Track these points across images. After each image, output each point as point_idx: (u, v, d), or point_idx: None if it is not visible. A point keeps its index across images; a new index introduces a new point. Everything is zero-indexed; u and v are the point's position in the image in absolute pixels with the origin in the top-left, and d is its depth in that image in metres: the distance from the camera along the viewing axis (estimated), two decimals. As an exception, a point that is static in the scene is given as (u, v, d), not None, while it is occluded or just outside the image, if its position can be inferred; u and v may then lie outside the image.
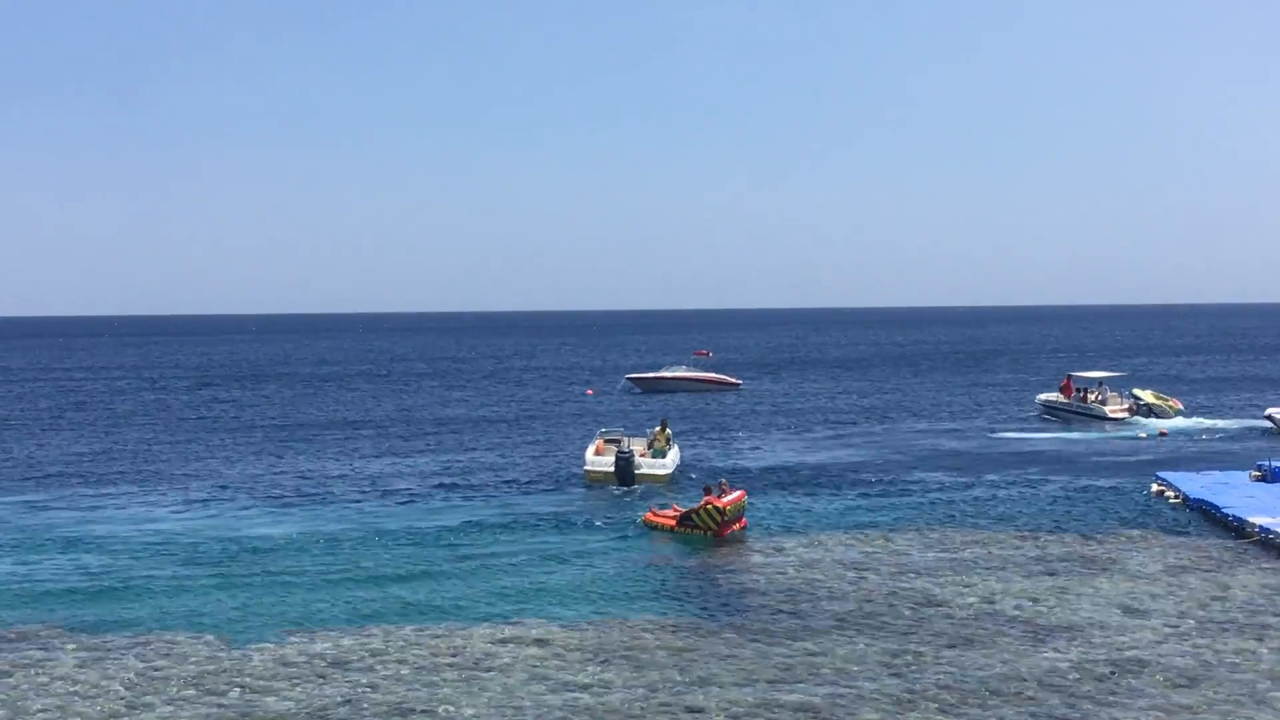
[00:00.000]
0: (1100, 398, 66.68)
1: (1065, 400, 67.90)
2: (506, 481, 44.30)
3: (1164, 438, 56.07)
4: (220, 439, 61.13)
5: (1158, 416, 63.84)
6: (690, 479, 43.98)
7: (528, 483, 43.98)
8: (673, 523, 33.48)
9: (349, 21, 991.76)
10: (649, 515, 34.63)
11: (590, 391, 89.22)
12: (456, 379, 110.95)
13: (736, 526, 33.38)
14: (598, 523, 35.47)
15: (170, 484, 45.06)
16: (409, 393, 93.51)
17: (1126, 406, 65.52)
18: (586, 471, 44.14)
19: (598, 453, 45.06)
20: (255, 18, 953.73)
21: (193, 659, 22.24)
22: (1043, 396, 71.34)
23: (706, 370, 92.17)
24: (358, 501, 40.12)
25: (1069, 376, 71.77)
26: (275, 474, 47.42)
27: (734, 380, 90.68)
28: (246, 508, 39.26)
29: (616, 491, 41.36)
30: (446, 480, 44.83)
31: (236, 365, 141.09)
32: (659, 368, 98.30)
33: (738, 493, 34.10)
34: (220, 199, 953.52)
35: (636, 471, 42.37)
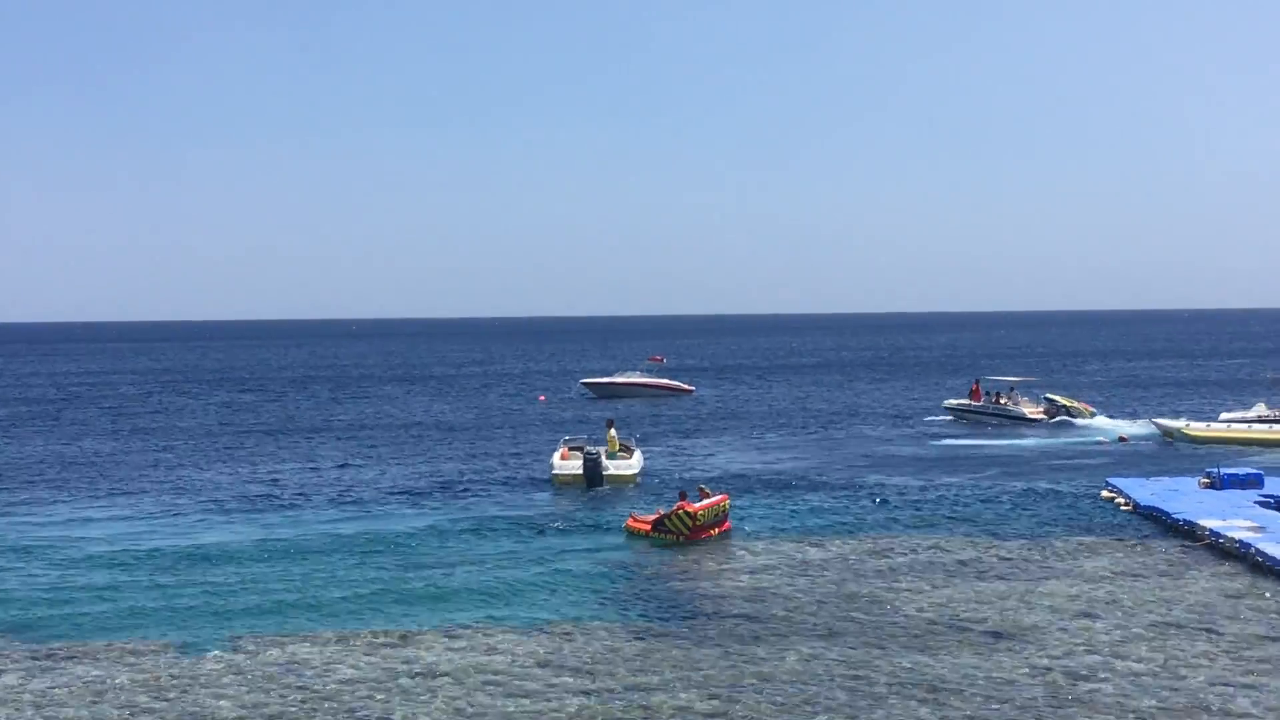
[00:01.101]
0: (1012, 401, 68.23)
1: (975, 404, 69.28)
2: (467, 487, 44.24)
3: (1124, 443, 56.48)
4: (177, 444, 60.79)
5: (1072, 418, 65.51)
6: (658, 482, 44.40)
7: (490, 488, 43.96)
8: (649, 527, 33.66)
9: (339, 21, 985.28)
10: (630, 521, 34.77)
11: (542, 399, 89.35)
12: (415, 386, 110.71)
13: (715, 531, 33.52)
14: (559, 527, 35.61)
15: (124, 490, 44.78)
16: (368, 399, 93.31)
17: (1043, 409, 67.04)
18: (554, 476, 44.48)
19: (563, 459, 45.36)
20: (253, 17, 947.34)
21: (143, 666, 22.12)
22: (950, 402, 72.58)
23: (660, 376, 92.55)
24: (314, 508, 39.99)
25: (977, 381, 73.93)
26: (232, 480, 47.19)
27: (687, 387, 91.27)
28: (201, 514, 39.06)
29: (584, 494, 41.69)
30: (406, 486, 44.71)
31: (201, 371, 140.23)
32: (612, 373, 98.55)
33: (717, 497, 34.36)
34: (211, 201, 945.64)
35: (604, 474, 42.91)
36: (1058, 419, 65.74)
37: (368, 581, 28.74)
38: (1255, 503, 35.21)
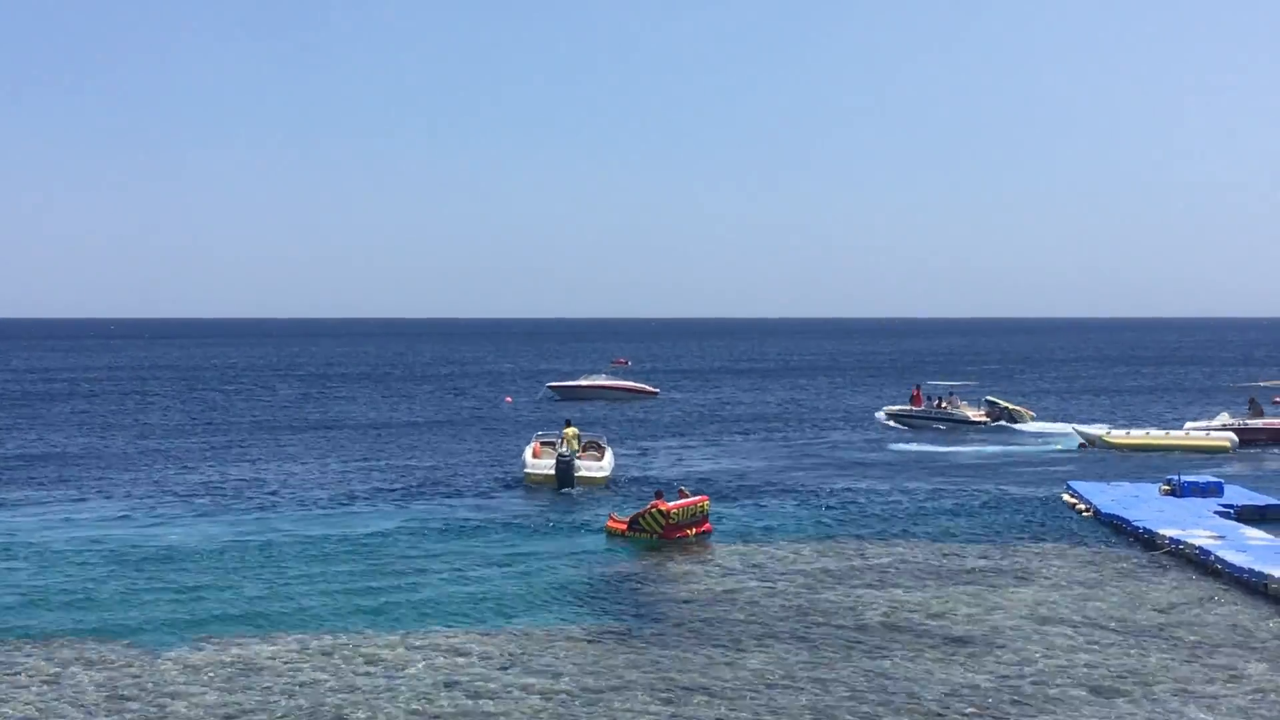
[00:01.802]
0: (952, 405, 69.23)
1: (917, 409, 70.11)
2: (435, 488, 44.18)
3: (1085, 450, 56.74)
4: (143, 442, 60.50)
5: (1014, 422, 66.88)
6: (629, 480, 44.85)
7: (458, 489, 43.93)
8: (625, 526, 33.87)
9: (338, 21, 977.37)
10: (609, 522, 34.92)
11: (509, 400, 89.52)
12: (383, 385, 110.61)
13: (692, 531, 33.69)
14: (528, 528, 35.67)
15: (89, 488, 44.53)
16: (337, 399, 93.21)
17: (985, 412, 68.28)
18: (527, 474, 44.68)
19: (535, 455, 45.56)
20: (252, 16, 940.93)
21: (103, 665, 22.02)
22: (890, 408, 73.06)
23: (625, 378, 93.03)
24: (279, 508, 39.85)
25: (918, 386, 75.64)
26: (197, 479, 47.00)
27: (651, 389, 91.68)
28: (165, 512, 38.87)
29: (555, 495, 41.90)
30: (373, 486, 44.63)
31: (171, 369, 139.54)
32: (578, 376, 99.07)
33: (695, 498, 34.64)
34: (209, 201, 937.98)
35: (576, 475, 43.05)
36: (999, 422, 67.00)
37: (331, 582, 28.66)
38: (1215, 511, 35.49)
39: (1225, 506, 36.29)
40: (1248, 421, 58.79)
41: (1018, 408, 69.70)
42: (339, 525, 36.23)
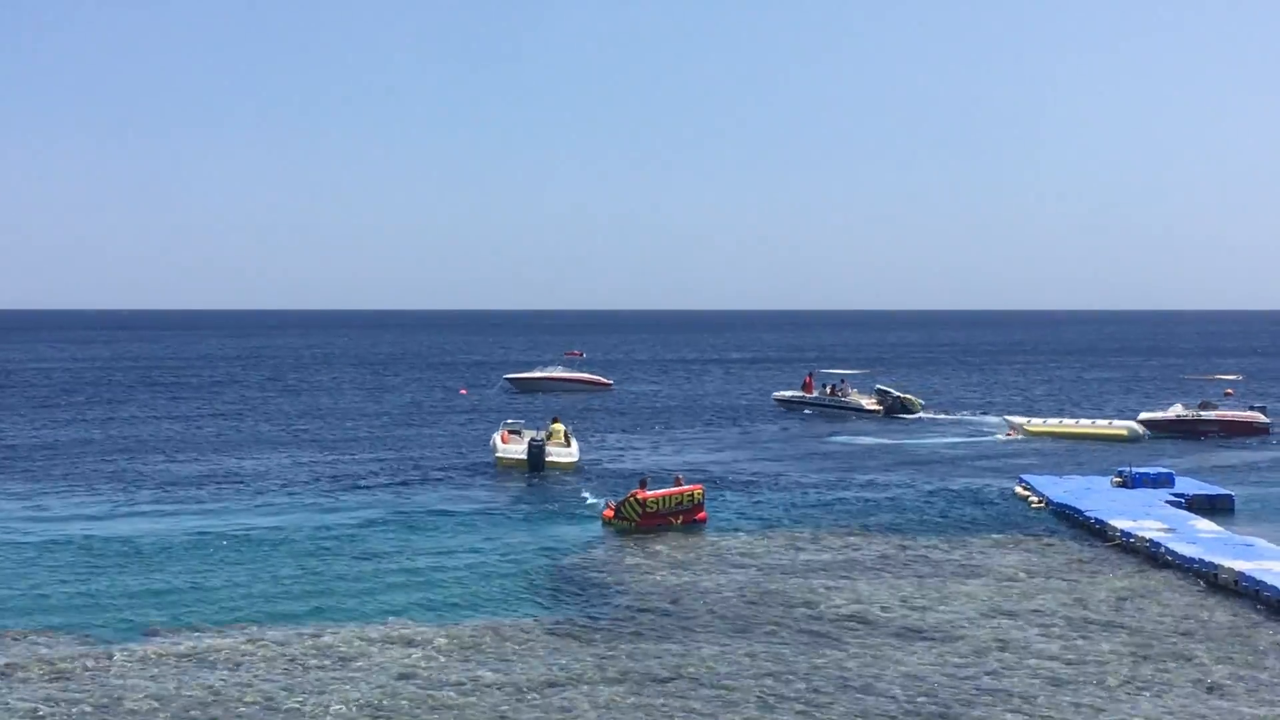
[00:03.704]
0: (843, 393, 70.65)
1: (809, 396, 71.78)
2: (391, 478, 44.20)
3: (1011, 438, 57.42)
4: (100, 435, 60.03)
5: (906, 410, 68.40)
6: (604, 468, 45.84)
7: (415, 480, 43.92)
8: (612, 514, 34.47)
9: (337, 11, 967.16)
10: (606, 512, 35.19)
11: (464, 391, 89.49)
12: (338, 376, 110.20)
13: (677, 520, 34.02)
14: (489, 517, 35.96)
15: (46, 478, 44.22)
16: (295, 390, 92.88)
17: (876, 401, 69.44)
18: (498, 459, 45.86)
19: (504, 441, 46.81)
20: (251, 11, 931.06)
21: (53, 658, 21.81)
22: (781, 394, 74.99)
23: (580, 370, 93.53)
24: (236, 499, 39.67)
25: (810, 373, 77.17)
26: (155, 470, 46.75)
27: (606, 381, 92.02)
28: (121, 504, 38.64)
29: (523, 481, 42.97)
30: (329, 477, 44.49)
31: (134, 362, 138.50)
32: (534, 367, 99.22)
33: (684, 486, 34.99)
34: (213, 196, 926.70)
35: (546, 459, 44.50)
36: (891, 410, 68.40)
37: (287, 575, 28.52)
38: (1166, 502, 35.81)
39: (1176, 497, 36.63)
40: (1201, 414, 59.45)
41: (908, 396, 71.19)
42: (295, 517, 36.03)
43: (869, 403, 69.05)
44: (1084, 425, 59.23)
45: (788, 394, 74.32)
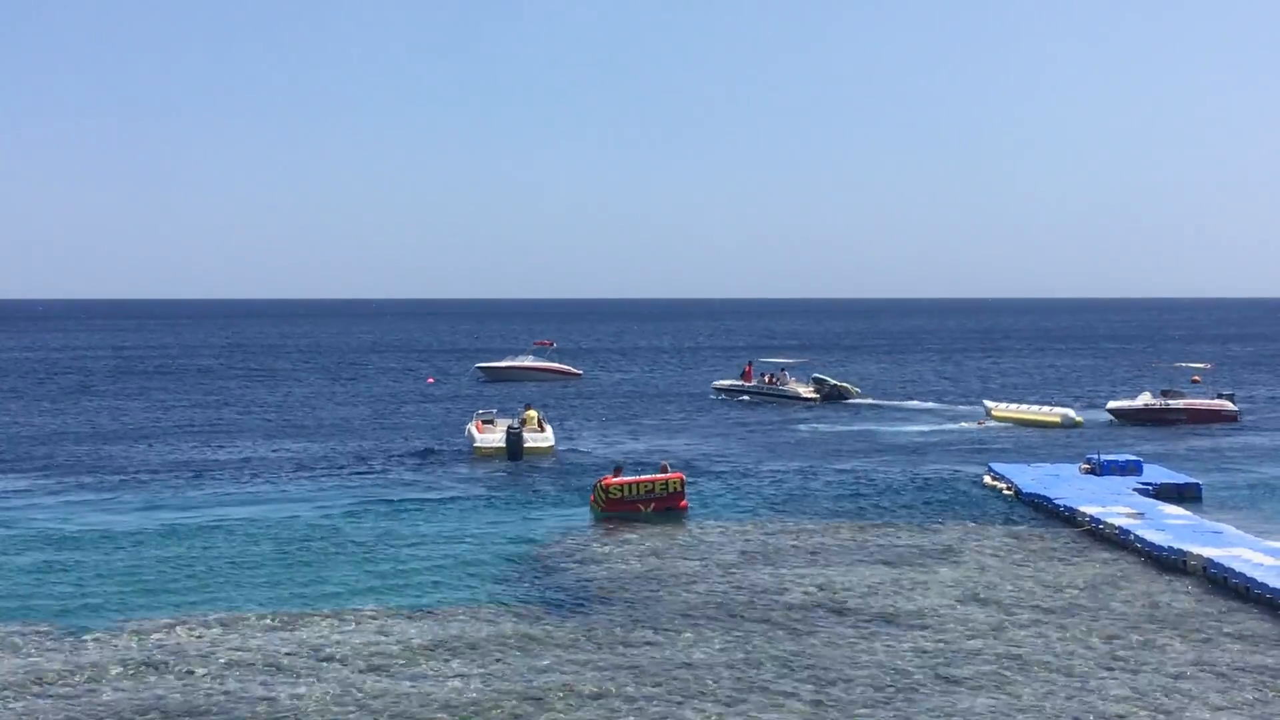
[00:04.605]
0: (781, 381, 72.16)
1: (748, 384, 73.44)
2: (361, 467, 44.29)
3: (981, 427, 57.83)
4: (76, 424, 59.81)
5: (842, 397, 70.40)
6: (582, 455, 46.44)
7: (389, 468, 44.08)
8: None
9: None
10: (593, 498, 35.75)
11: (431, 380, 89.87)
12: (304, 365, 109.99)
13: (647, 507, 34.32)
14: (460, 506, 36.01)
15: (12, 470, 43.92)
16: (263, 380, 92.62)
17: (813, 389, 71.07)
18: (476, 449, 46.41)
19: (479, 431, 47.51)
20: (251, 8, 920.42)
21: (23, 649, 21.75)
22: (720, 383, 76.92)
23: (550, 359, 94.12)
24: (207, 489, 39.63)
25: (750, 362, 79.08)
26: (125, 461, 46.59)
27: (575, 371, 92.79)
28: (90, 494, 38.55)
29: (502, 468, 43.27)
30: (296, 466, 44.43)
31: (101, 352, 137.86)
32: (505, 357, 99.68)
33: (658, 475, 35.38)
34: (213, 190, 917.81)
35: (524, 446, 45.18)
36: (828, 397, 70.15)
37: (260, 564, 28.50)
38: (1134, 489, 36.01)
39: (1144, 485, 36.82)
40: (1168, 402, 59.76)
41: (844, 384, 73.10)
42: (267, 508, 35.97)
43: (805, 391, 70.58)
44: (1024, 411, 60.79)
45: (727, 382, 76.22)
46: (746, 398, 71.97)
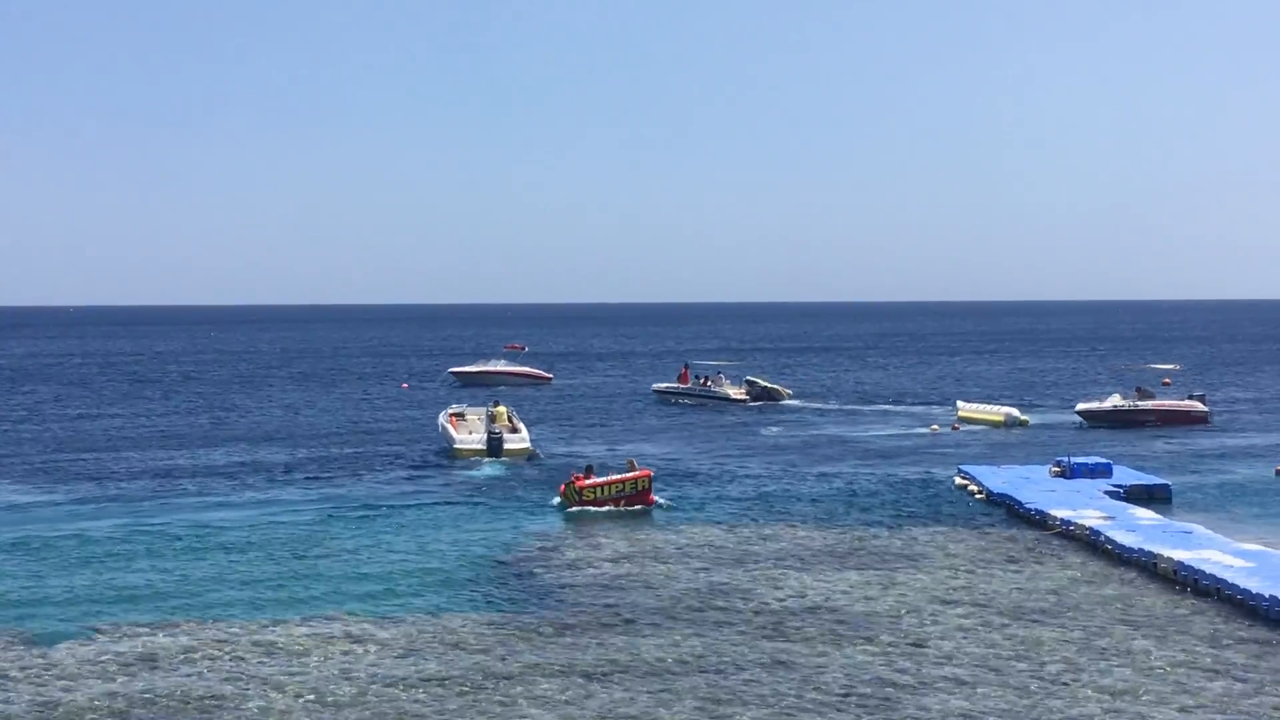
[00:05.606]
0: (715, 384, 74.30)
1: (684, 386, 75.81)
2: (338, 473, 44.25)
3: (936, 433, 57.82)
4: (51, 430, 59.61)
5: (773, 399, 72.44)
6: (557, 457, 46.47)
7: (367, 473, 44.05)
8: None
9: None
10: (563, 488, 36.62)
11: (405, 385, 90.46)
12: (277, 371, 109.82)
13: (616, 504, 35.47)
14: (435, 510, 36.08)
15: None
16: (235, 387, 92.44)
17: (745, 391, 73.19)
18: (456, 449, 46.91)
19: (453, 428, 48.20)
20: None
21: (-7, 656, 21.63)
22: (658, 385, 79.44)
23: (522, 364, 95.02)
24: (180, 496, 39.52)
25: (686, 365, 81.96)
26: (97, 466, 46.48)
27: (546, 375, 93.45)
28: (64, 500, 38.39)
29: (479, 470, 43.82)
30: (270, 472, 44.33)
31: (82, 357, 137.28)
32: (476, 361, 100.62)
33: (626, 474, 36.40)
34: (215, 194, 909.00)
35: (504, 447, 46.00)
36: (759, 398, 72.11)
37: (232, 569, 28.46)
38: (1104, 492, 36.15)
39: (1115, 487, 36.98)
40: (1138, 403, 60.03)
41: (775, 386, 75.65)
42: (241, 513, 35.87)
43: (736, 393, 72.68)
44: (974, 410, 63.75)
45: (664, 385, 78.53)
46: (683, 399, 73.86)
